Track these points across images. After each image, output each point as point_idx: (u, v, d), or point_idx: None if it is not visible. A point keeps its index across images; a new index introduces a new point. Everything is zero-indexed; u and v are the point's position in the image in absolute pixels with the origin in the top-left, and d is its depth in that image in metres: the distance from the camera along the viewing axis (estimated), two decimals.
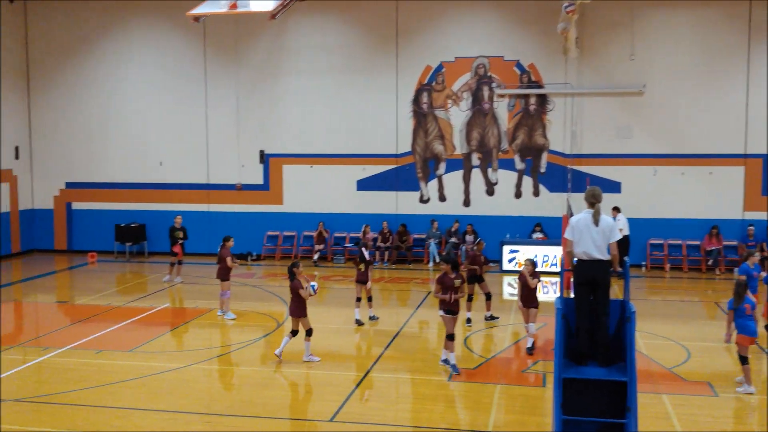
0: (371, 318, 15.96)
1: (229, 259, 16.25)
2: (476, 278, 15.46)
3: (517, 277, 14.01)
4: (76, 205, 25.55)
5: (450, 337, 12.34)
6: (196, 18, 21.92)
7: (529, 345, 13.44)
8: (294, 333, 13.09)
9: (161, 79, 24.67)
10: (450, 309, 12.32)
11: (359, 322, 15.61)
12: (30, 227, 25.56)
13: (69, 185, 25.53)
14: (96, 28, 24.88)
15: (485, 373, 12.49)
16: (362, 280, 15.55)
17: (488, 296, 15.71)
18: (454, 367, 12.32)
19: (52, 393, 11.54)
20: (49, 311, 18.16)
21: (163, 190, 24.88)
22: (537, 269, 13.98)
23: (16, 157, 25.03)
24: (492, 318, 15.76)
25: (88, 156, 25.30)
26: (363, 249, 15.68)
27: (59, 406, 10.96)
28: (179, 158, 24.74)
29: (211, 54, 24.26)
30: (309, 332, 13.01)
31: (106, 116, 25.10)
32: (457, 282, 12.35)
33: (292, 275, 13.26)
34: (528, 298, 13.45)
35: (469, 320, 15.52)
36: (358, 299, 15.70)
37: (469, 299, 15.52)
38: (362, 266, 15.53)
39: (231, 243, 16.60)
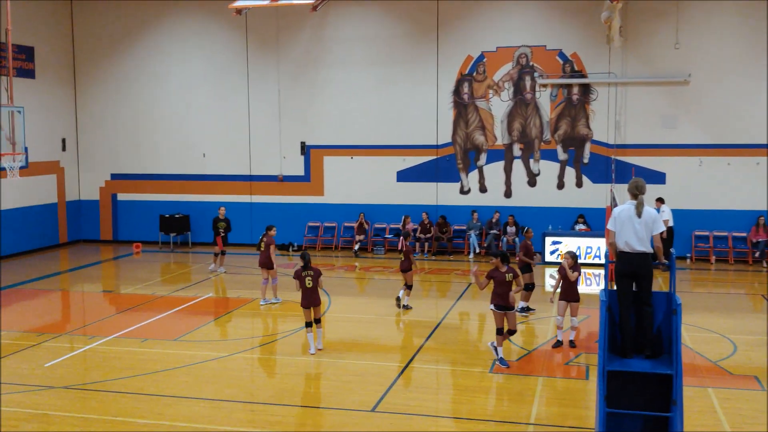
0: (404, 306, 16.22)
1: (272, 248, 16.50)
2: (528, 268, 15.29)
3: (557, 269, 13.85)
4: (122, 196, 25.98)
5: (499, 332, 12.24)
6: (239, 11, 22.18)
7: (560, 338, 13.27)
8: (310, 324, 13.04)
9: (204, 72, 24.92)
10: (499, 305, 12.18)
11: (406, 306, 16.21)
12: (77, 218, 26.06)
13: (114, 177, 25.96)
14: (140, 22, 25.21)
15: (527, 366, 12.43)
16: (404, 268, 16.02)
17: (529, 287, 15.58)
18: (501, 360, 12.23)
19: (99, 381, 11.77)
20: (96, 300, 18.51)
21: (206, 182, 25.17)
22: (580, 261, 13.81)
23: (63, 149, 25.52)
24: (528, 309, 15.58)
25: (132, 148, 25.69)
26: (403, 239, 16.20)
27: (105, 393, 11.18)
28: (222, 150, 24.99)
29: (253, 46, 24.43)
30: (318, 320, 13.10)
31: (150, 109, 25.45)
32: (509, 276, 12.19)
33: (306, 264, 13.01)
34: (569, 291, 13.26)
35: (527, 309, 15.39)
36: (407, 286, 16.20)
37: (528, 288, 15.37)
38: (402, 255, 16.07)
39: (274, 231, 16.79)
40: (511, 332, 12.35)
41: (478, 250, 22.61)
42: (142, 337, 14.13)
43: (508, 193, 23.23)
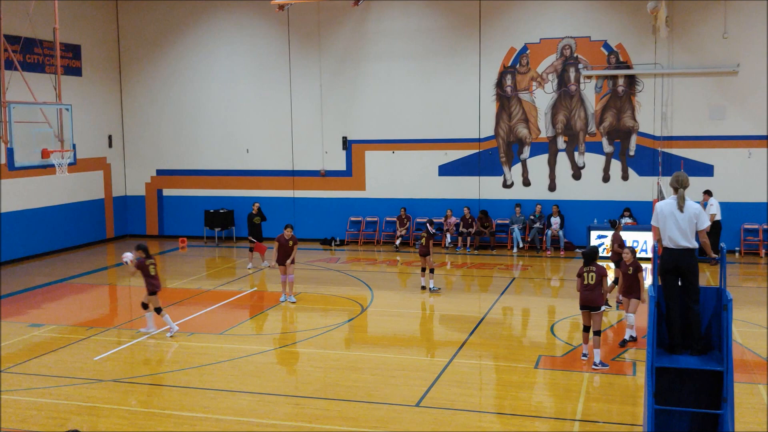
0: (431, 289, 17.29)
1: (275, 245, 16.48)
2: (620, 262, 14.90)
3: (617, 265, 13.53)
4: (167, 192, 26.34)
5: (586, 329, 12.01)
6: (281, 6, 22.29)
7: (626, 337, 12.97)
8: (144, 306, 14.20)
9: (247, 68, 25.11)
10: (585, 305, 11.95)
11: (423, 287, 17.51)
12: (123, 213, 26.49)
13: (160, 172, 26.33)
14: (184, 19, 25.49)
15: (573, 361, 12.29)
16: (423, 252, 17.16)
17: (616, 281, 15.09)
18: (601, 363, 11.86)
19: (146, 374, 11.96)
20: (143, 295, 18.75)
21: (249, 177, 25.38)
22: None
23: (110, 146, 25.95)
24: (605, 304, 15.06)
25: (177, 144, 26.01)
26: (428, 225, 17.47)
27: (153, 386, 11.35)
28: (265, 145, 25.17)
29: (294, 42, 24.54)
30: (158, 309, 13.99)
31: (194, 105, 25.73)
32: (589, 276, 11.81)
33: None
34: (629, 287, 12.95)
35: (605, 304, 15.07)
36: (423, 269, 17.57)
37: (616, 282, 15.07)
38: (423, 240, 17.13)
39: (286, 232, 16.52)
40: (596, 333, 11.97)
41: (521, 245, 22.43)
42: (188, 331, 14.30)
43: (552, 187, 22.99)
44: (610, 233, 20.80)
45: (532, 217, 22.62)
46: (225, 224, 25.16)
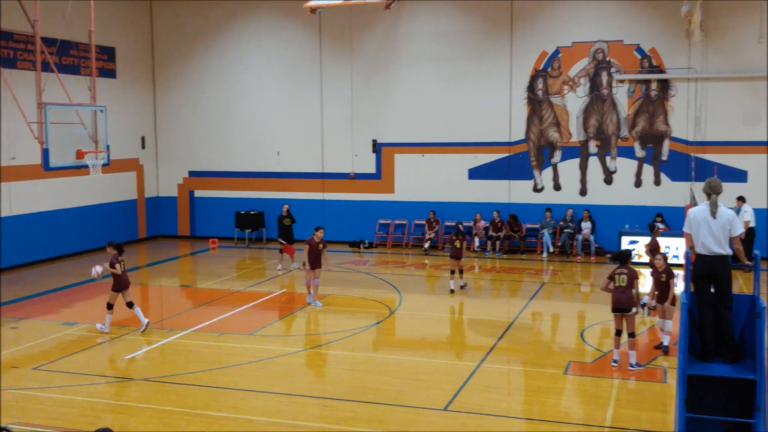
0: (462, 287, 17.53)
1: (306, 248, 16.30)
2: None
3: (650, 272, 13.40)
4: (199, 193, 26.58)
5: (618, 333, 11.92)
6: (313, 10, 22.38)
7: (665, 343, 12.86)
8: (109, 306, 14.43)
9: (279, 71, 25.26)
10: (617, 307, 11.84)
11: (452, 291, 17.46)
12: (155, 214, 26.77)
13: (192, 174, 26.58)
14: (216, 22, 25.72)
15: (603, 367, 12.19)
16: (456, 255, 17.26)
17: None
18: (637, 364, 11.87)
19: (177, 374, 12.07)
20: (174, 295, 18.99)
21: (280, 179, 25.53)
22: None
23: (143, 147, 26.26)
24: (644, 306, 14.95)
25: (209, 146, 26.24)
26: (460, 227, 17.64)
27: (183, 386, 11.45)
28: (295, 148, 25.30)
29: (326, 45, 24.64)
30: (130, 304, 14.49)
31: (226, 107, 25.95)
32: (620, 279, 11.76)
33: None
34: (662, 294, 12.83)
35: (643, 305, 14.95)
36: (452, 272, 17.61)
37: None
38: (457, 243, 17.20)
39: (317, 234, 16.40)
40: (630, 335, 11.91)
41: (551, 249, 22.30)
42: (218, 331, 14.42)
43: (583, 191, 22.84)
44: (641, 239, 20.65)
45: (562, 222, 22.48)
46: (255, 226, 25.33)
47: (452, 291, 17.50)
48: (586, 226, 22.12)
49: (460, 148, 23.65)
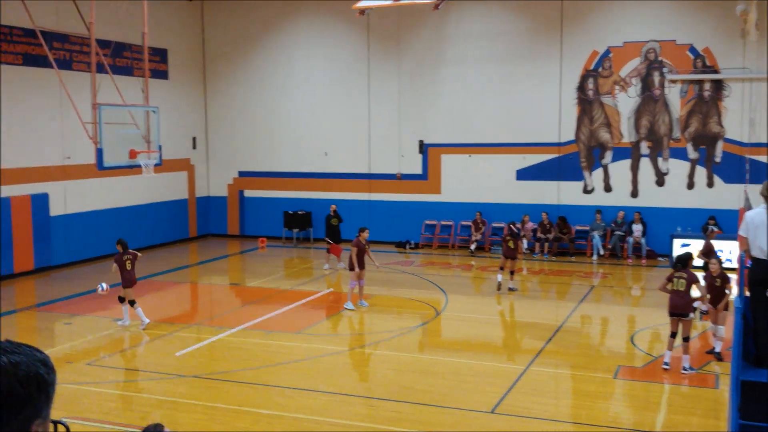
0: (510, 289, 17.20)
1: (354, 250, 16.05)
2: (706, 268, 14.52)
3: (703, 276, 13.12)
4: (248, 193, 26.87)
5: (673, 335, 11.74)
6: (362, 11, 22.44)
7: (718, 349, 12.58)
8: (121, 299, 14.80)
9: (327, 72, 25.40)
10: (674, 311, 11.64)
11: (499, 286, 17.32)
12: (206, 213, 27.14)
13: (241, 174, 26.88)
14: (267, 24, 25.97)
15: (653, 372, 11.98)
16: (510, 255, 17.22)
17: None
18: (690, 368, 11.67)
19: (226, 371, 12.22)
20: (223, 293, 19.24)
21: (327, 179, 25.66)
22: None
23: (194, 147, 26.64)
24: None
25: (259, 146, 26.51)
26: (513, 227, 17.72)
27: (231, 383, 11.58)
28: (343, 148, 25.40)
29: (374, 45, 24.70)
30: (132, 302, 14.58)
31: (275, 108, 26.19)
32: (678, 283, 11.54)
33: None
34: (716, 298, 12.56)
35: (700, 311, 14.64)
36: (502, 268, 17.47)
37: None
38: (511, 243, 17.19)
39: (363, 234, 16.33)
40: (685, 339, 11.69)
41: (602, 252, 21.98)
42: (266, 329, 14.55)
43: (634, 193, 22.48)
44: (694, 242, 20.22)
45: (613, 224, 22.15)
46: (303, 225, 25.51)
47: (499, 285, 17.30)
48: (637, 228, 21.75)
49: (508, 149, 23.47)
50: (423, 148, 24.48)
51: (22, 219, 19.61)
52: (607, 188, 22.73)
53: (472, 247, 23.16)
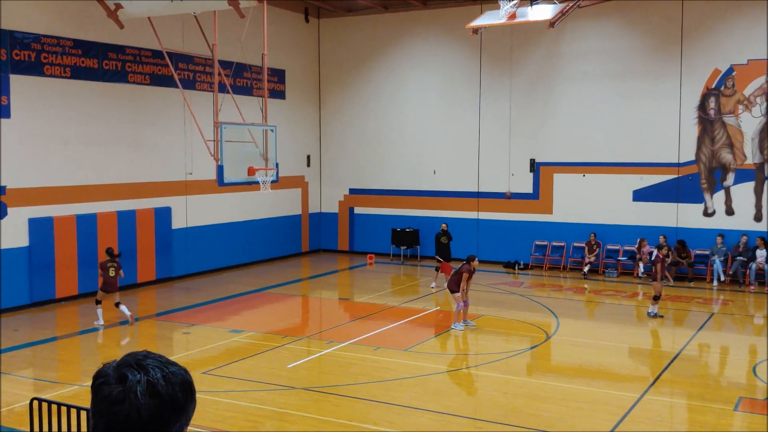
0: (652, 314, 16.94)
1: (464, 276, 15.86)
2: None
3: None
4: (358, 210, 27.26)
5: None
6: (475, 30, 22.45)
7: None
8: (97, 302, 15.92)
9: (438, 91, 25.52)
10: None
11: (650, 315, 17.12)
12: (317, 229, 27.71)
13: (352, 191, 27.31)
14: (380, 43, 26.38)
15: None
16: (655, 278, 17.15)
17: None
18: None
19: (335, 384, 12.40)
20: (333, 307, 19.56)
21: (435, 198, 25.72)
22: None
23: (308, 165, 27.29)
24: None
25: (369, 164, 26.88)
26: (657, 249, 17.70)
27: (341, 397, 11.74)
28: (452, 167, 25.41)
29: (486, 64, 24.65)
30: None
31: (386, 127, 26.50)
32: None
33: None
34: None
35: None
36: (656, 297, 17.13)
37: None
38: (658, 266, 17.07)
39: (473, 263, 16.05)
40: None
41: (722, 278, 21.01)
42: (375, 345, 14.69)
43: (758, 217, 21.42)
44: None
45: (735, 249, 21.16)
46: (411, 243, 25.64)
47: (649, 314, 17.13)
48: (760, 254, 20.71)
49: (624, 168, 22.86)
50: (534, 166, 24.18)
51: (146, 231, 20.57)
52: (729, 211, 21.77)
53: (585, 269, 22.61)
